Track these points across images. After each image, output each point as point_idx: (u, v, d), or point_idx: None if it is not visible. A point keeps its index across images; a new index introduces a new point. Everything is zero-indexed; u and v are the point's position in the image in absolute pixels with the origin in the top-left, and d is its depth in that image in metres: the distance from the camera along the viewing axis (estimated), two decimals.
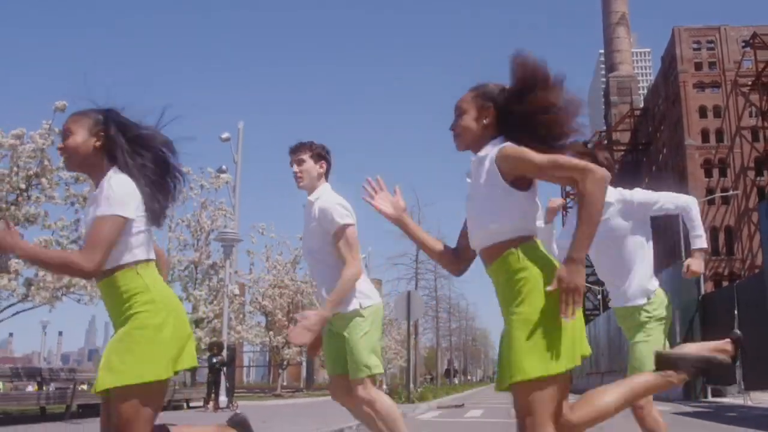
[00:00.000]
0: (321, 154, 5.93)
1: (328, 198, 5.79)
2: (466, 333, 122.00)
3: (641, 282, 5.83)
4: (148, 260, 3.97)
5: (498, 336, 4.00)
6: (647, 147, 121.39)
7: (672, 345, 18.53)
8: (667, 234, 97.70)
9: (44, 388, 19.55)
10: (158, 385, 3.72)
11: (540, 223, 4.90)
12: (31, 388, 19.86)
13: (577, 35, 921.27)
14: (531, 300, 3.54)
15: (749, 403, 21.15)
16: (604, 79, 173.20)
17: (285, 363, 45.14)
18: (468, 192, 3.94)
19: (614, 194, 5.89)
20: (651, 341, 5.63)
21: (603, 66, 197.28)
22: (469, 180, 3.97)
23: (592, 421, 3.77)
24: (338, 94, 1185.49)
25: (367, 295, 5.83)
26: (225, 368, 25.73)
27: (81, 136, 3.95)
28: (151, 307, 3.78)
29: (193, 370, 27.15)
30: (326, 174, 6.02)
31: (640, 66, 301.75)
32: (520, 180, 3.69)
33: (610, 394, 3.92)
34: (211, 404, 24.60)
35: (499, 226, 3.67)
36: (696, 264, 5.91)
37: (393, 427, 5.61)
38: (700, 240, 5.95)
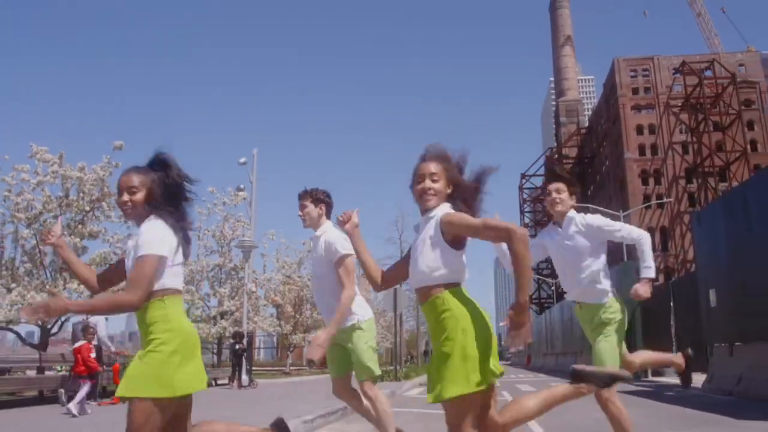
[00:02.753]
0: (320, 199, 6.28)
1: (331, 233, 6.12)
2: None
3: (597, 285, 5.92)
4: (175, 291, 4.11)
5: None
6: (592, 160, 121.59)
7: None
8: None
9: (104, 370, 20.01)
10: (162, 402, 3.80)
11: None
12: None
13: (531, 66, 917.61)
14: (452, 336, 3.86)
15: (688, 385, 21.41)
16: (554, 103, 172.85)
17: (292, 346, 45.65)
18: (413, 242, 4.27)
19: (579, 219, 6.01)
20: (609, 341, 5.76)
21: (553, 92, 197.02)
22: (415, 233, 4.28)
23: (516, 423, 4.19)
24: (339, 123, 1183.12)
25: (363, 312, 6.17)
26: (245, 354, 26.35)
27: (144, 195, 4.14)
28: (168, 336, 3.92)
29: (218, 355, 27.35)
30: (328, 213, 6.34)
31: (584, 91, 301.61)
32: (456, 240, 4.05)
33: (532, 400, 4.35)
34: (235, 383, 25.30)
35: (431, 274, 4.02)
36: (643, 290, 5.85)
37: (384, 423, 6.00)
38: (649, 270, 5.86)
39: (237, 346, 26.31)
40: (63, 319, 21.43)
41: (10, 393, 17.28)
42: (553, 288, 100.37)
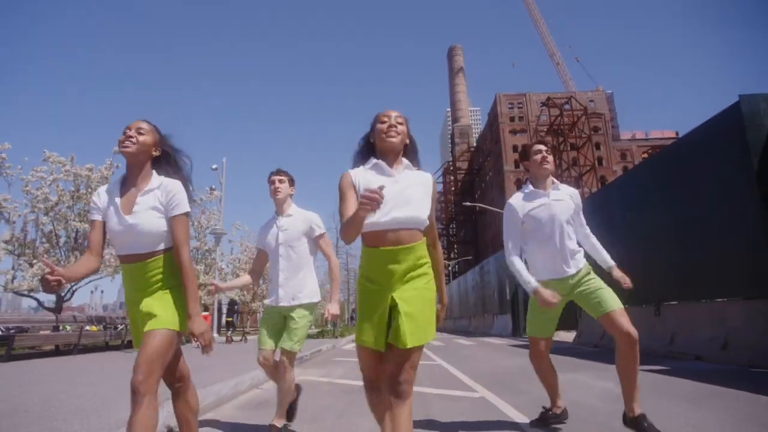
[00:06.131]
0: (293, 181, 5.47)
1: (308, 213, 5.33)
2: None
3: (581, 252, 4.87)
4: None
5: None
6: (479, 171, 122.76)
7: (504, 303, 18.96)
8: (493, 226, 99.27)
9: (106, 329, 20.01)
10: (179, 335, 3.37)
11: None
12: (88, 327, 20.10)
13: (433, 98, 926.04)
14: (432, 283, 3.19)
15: (557, 338, 21.43)
16: (450, 127, 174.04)
17: (251, 312, 45.49)
18: (388, 185, 3.14)
19: (562, 186, 5.01)
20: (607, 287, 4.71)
21: (449, 118, 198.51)
22: (384, 176, 3.27)
23: None
24: (295, 137, 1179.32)
25: (316, 294, 5.28)
26: (234, 318, 28.58)
27: (151, 140, 3.51)
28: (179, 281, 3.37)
29: None
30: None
31: (474, 119, 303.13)
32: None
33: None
34: (225, 338, 26.52)
35: (423, 220, 3.21)
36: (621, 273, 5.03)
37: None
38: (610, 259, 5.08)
39: (235, 307, 29.21)
40: (74, 288, 21.24)
41: (31, 347, 17.05)
42: (449, 269, 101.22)
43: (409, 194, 3.21)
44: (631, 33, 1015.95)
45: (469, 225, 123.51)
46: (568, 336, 21.17)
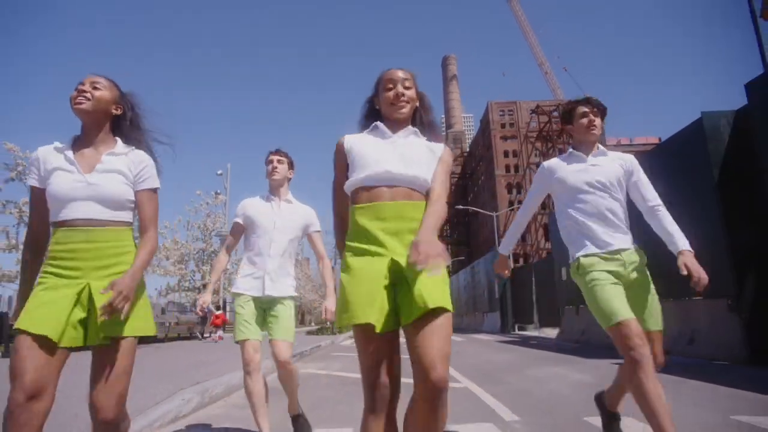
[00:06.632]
0: (293, 164, 4.80)
1: (306, 205, 4.83)
2: None
3: (627, 226, 3.78)
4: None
5: None
6: (471, 176, 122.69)
7: (493, 301, 19.35)
8: (484, 228, 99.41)
9: None
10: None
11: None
12: None
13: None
14: None
15: (542, 335, 21.80)
16: (444, 133, 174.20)
17: None
18: (383, 146, 2.72)
19: (611, 152, 3.88)
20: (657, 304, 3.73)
21: (444, 124, 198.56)
22: (380, 138, 2.76)
23: None
24: (296, 141, 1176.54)
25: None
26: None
27: (109, 96, 2.86)
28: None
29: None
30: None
31: (466, 125, 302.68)
32: None
33: None
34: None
35: (426, 182, 2.61)
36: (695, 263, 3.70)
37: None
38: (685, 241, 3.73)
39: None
40: None
41: None
42: (450, 262, 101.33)
43: (404, 152, 2.69)
44: (616, 41, 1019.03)
45: (461, 227, 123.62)
46: (551, 332, 21.45)
